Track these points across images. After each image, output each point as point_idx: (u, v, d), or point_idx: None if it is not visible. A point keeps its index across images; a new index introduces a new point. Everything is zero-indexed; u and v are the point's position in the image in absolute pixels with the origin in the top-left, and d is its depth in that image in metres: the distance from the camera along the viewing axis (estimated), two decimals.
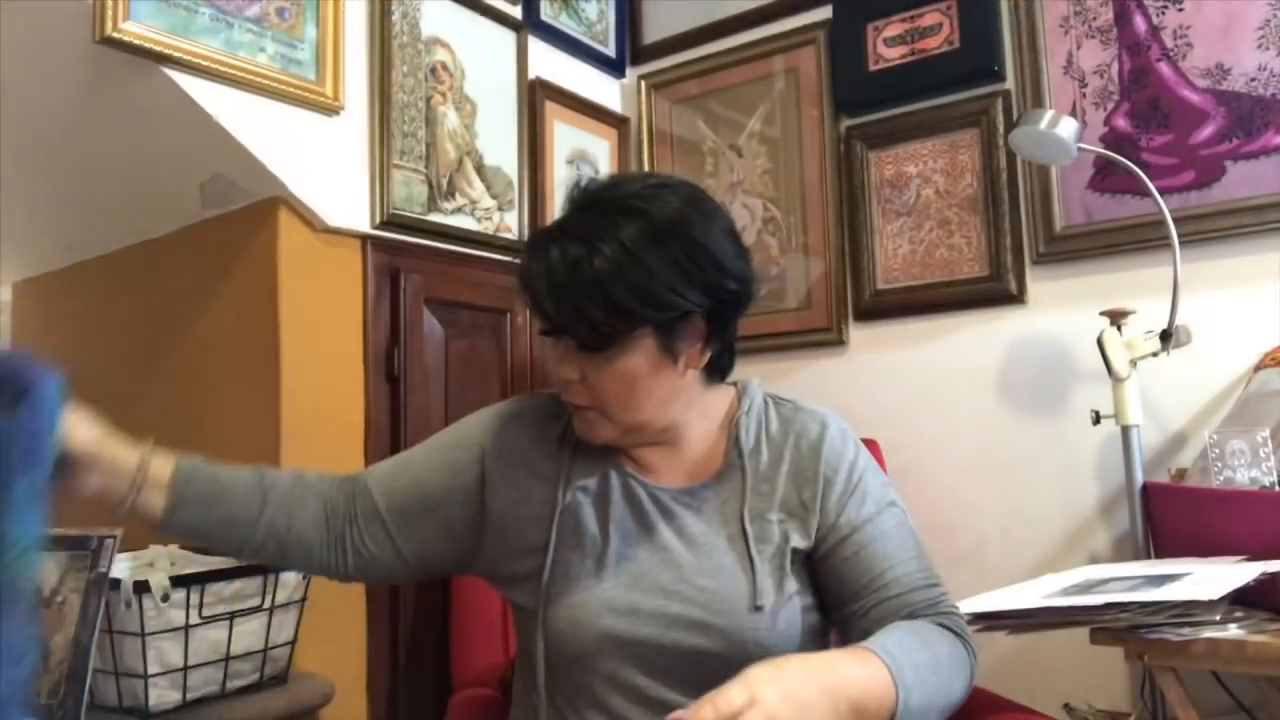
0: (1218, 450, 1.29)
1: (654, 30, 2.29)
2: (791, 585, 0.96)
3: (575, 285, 0.88)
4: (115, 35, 1.25)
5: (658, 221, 0.90)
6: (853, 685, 0.79)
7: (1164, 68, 1.66)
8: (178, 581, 1.19)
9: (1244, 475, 1.27)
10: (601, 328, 0.90)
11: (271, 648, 1.31)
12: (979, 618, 1.07)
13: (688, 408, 1.00)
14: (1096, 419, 1.56)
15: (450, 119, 1.79)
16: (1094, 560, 1.66)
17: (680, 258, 0.90)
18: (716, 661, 0.91)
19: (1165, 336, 1.49)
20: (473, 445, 1.03)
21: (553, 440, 1.03)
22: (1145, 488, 1.50)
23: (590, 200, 0.95)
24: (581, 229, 0.91)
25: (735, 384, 1.08)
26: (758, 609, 0.93)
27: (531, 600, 0.97)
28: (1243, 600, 1.08)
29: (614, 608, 0.93)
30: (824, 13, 2.04)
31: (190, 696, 1.22)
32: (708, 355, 0.98)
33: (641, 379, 0.93)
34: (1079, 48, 1.75)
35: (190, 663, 1.21)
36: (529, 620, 0.99)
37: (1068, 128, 1.51)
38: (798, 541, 0.97)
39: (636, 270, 0.88)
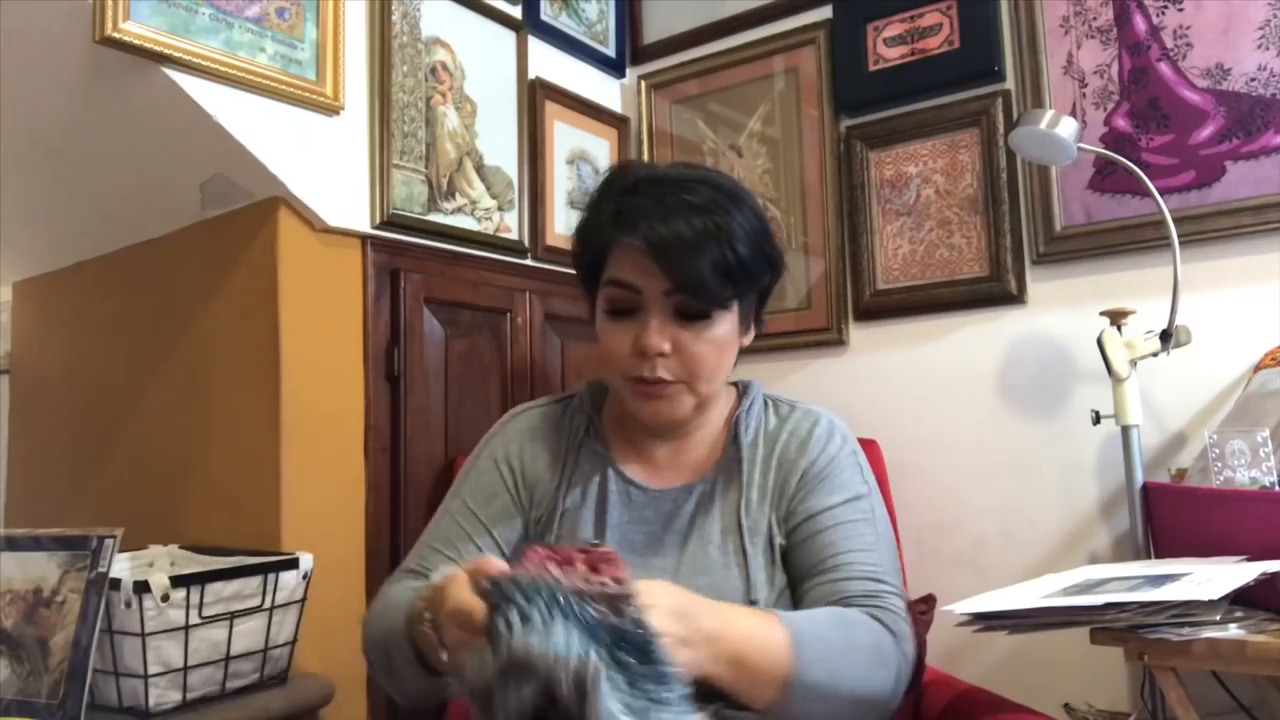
0: (1218, 450, 1.29)
1: (654, 30, 2.29)
2: (781, 578, 0.97)
3: (716, 248, 0.92)
4: (115, 35, 1.25)
5: (742, 200, 0.97)
6: (741, 636, 0.79)
7: (1164, 68, 1.66)
8: (178, 581, 1.19)
9: (1244, 475, 1.26)
10: (725, 291, 0.94)
11: (271, 648, 1.31)
12: (979, 618, 1.07)
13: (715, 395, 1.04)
14: (1096, 419, 1.56)
15: (450, 119, 1.79)
16: (1094, 560, 1.66)
17: (765, 231, 0.99)
18: None
19: (1165, 336, 1.49)
20: (507, 481, 1.04)
21: (559, 447, 1.05)
22: (1145, 488, 1.50)
23: (668, 180, 0.97)
24: (704, 200, 0.94)
25: (736, 384, 1.10)
26: (752, 603, 0.93)
27: None
28: (1243, 600, 1.08)
29: None
30: (824, 13, 2.04)
31: (190, 696, 1.22)
32: (751, 334, 1.04)
33: (728, 345, 0.98)
34: (1079, 48, 1.75)
35: (190, 663, 1.21)
36: None
37: (1068, 128, 1.51)
38: (778, 533, 0.99)
39: (755, 239, 0.95)
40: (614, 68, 2.27)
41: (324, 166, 1.54)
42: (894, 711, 0.94)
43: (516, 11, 1.96)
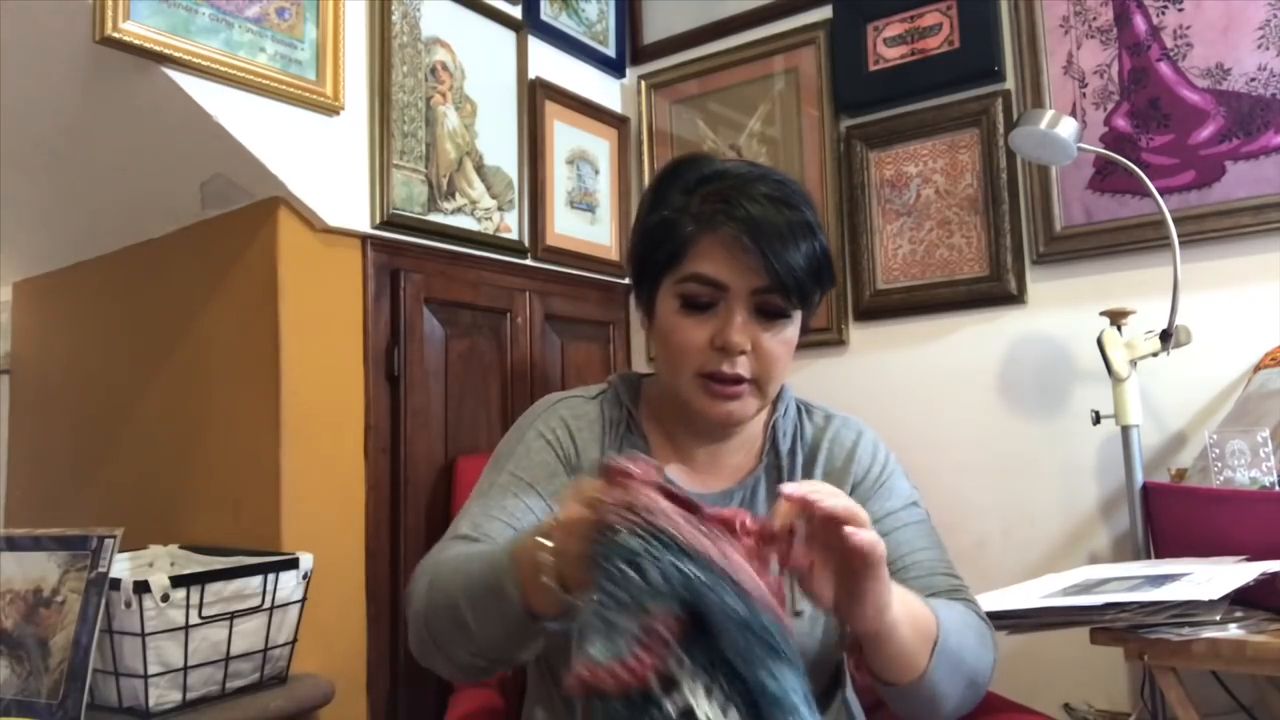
0: (1218, 450, 1.29)
1: (654, 30, 2.29)
2: None
3: (807, 243, 0.93)
4: (115, 35, 1.25)
5: (807, 194, 0.98)
6: (914, 600, 0.83)
7: (1164, 68, 1.66)
8: (178, 581, 1.19)
9: (1244, 475, 1.26)
10: (813, 286, 0.95)
11: (271, 648, 1.31)
12: None
13: None
14: (1096, 419, 1.56)
15: (450, 119, 1.79)
16: (1094, 560, 1.66)
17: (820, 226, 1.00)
18: None
19: (1165, 336, 1.49)
20: (562, 457, 1.01)
21: (602, 439, 1.03)
22: (1145, 488, 1.50)
23: (745, 176, 0.96)
24: (785, 194, 0.94)
25: None
26: (797, 614, 0.93)
27: None
28: (1243, 600, 1.08)
29: None
30: (824, 13, 2.04)
31: (190, 696, 1.22)
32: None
33: (792, 345, 0.99)
34: (1079, 48, 1.75)
35: (190, 663, 1.21)
36: None
37: (1068, 128, 1.51)
38: None
39: (823, 233, 0.97)
40: (614, 68, 2.27)
41: (324, 166, 1.54)
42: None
43: (516, 11, 1.96)
